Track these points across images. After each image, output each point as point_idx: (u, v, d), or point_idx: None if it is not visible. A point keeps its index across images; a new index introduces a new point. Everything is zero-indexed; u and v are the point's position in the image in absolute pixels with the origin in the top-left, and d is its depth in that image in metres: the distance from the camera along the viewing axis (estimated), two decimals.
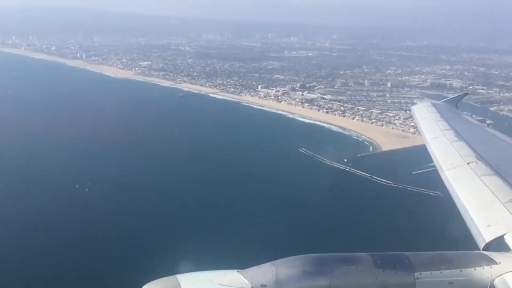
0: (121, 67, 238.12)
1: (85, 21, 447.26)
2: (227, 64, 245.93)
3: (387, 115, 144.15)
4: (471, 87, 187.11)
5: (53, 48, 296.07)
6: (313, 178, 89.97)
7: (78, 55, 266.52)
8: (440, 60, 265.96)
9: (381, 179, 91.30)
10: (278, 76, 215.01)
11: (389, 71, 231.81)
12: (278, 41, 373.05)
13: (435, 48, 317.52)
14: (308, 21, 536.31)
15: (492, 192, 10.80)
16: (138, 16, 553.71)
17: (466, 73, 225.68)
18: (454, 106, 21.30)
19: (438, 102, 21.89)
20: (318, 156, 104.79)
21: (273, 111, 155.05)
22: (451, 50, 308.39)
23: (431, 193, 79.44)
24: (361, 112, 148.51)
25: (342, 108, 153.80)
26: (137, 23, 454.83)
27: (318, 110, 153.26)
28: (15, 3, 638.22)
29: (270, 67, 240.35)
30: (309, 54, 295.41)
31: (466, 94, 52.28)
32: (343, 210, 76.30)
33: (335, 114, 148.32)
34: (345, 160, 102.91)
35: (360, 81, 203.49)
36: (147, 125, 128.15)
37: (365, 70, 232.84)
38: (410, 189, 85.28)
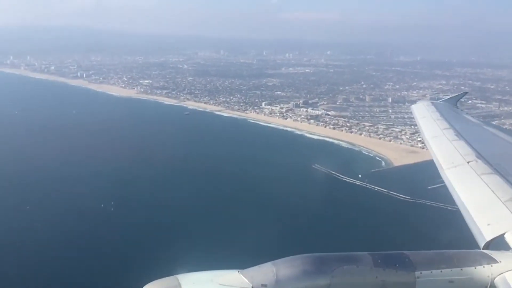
0: (123, 86, 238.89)
1: (81, 40, 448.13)
2: (227, 81, 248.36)
3: (393, 130, 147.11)
4: (470, 101, 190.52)
5: (52, 67, 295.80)
6: (333, 195, 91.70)
7: (79, 75, 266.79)
8: (436, 75, 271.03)
9: (398, 194, 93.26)
10: (279, 92, 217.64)
11: (387, 86, 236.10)
12: (274, 58, 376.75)
13: (428, 63, 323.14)
14: (301, 38, 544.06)
15: (492, 191, 10.74)
16: (132, 35, 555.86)
17: (462, 87, 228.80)
18: (454, 105, 21.50)
19: (438, 101, 22.20)
20: (333, 172, 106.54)
21: (281, 127, 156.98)
22: (444, 65, 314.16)
23: (449, 208, 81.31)
24: (367, 127, 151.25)
25: (348, 124, 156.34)
26: (132, 41, 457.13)
27: (325, 126, 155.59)
28: (12, 23, 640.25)
29: (270, 84, 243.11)
30: (306, 71, 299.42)
31: (466, 93, 53.41)
32: (370, 226, 78.05)
33: (342, 130, 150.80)
34: (360, 175, 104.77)
35: (361, 96, 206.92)
36: (160, 143, 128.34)
37: (364, 86, 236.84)
38: (428, 204, 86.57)
